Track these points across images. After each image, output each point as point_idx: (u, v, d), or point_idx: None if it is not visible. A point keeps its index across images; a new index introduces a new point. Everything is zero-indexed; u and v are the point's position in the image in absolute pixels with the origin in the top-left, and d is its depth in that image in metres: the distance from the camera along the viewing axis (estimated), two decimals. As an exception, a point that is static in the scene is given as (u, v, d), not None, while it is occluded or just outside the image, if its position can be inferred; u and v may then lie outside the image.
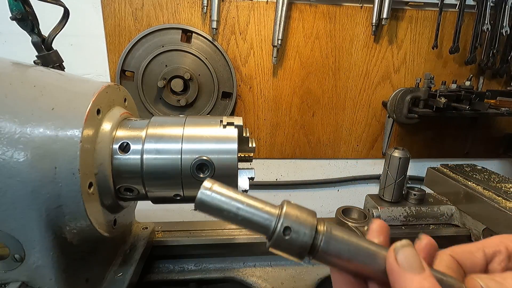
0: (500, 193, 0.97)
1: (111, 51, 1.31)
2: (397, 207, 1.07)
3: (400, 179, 1.07)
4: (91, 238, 0.51)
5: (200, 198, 0.31)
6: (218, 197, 0.32)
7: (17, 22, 0.59)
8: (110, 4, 1.25)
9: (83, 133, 0.45)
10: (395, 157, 1.05)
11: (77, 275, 0.53)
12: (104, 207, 0.52)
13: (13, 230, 0.45)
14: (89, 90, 0.51)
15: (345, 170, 1.61)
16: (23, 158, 0.43)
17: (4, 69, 0.51)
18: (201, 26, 1.31)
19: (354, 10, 1.35)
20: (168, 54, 1.28)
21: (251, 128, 1.47)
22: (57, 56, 0.64)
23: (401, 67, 1.46)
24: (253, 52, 1.36)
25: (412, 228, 1.05)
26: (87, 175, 0.47)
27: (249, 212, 0.32)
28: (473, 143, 1.62)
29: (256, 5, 1.30)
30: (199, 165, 0.50)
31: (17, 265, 0.47)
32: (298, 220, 0.32)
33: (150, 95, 1.33)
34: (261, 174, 1.55)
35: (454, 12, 1.37)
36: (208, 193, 0.31)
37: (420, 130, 1.55)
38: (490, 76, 1.52)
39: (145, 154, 0.50)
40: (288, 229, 0.31)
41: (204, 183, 0.32)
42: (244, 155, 0.59)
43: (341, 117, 1.50)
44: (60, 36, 0.64)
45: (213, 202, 0.32)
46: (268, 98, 1.43)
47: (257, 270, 0.93)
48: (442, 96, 1.28)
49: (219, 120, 0.53)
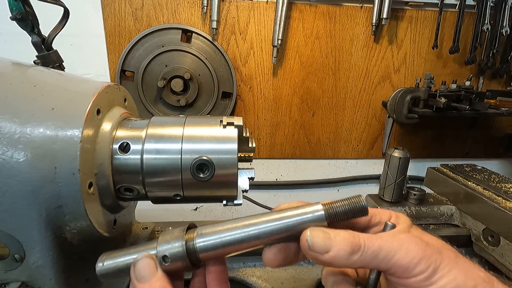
0: (500, 193, 0.97)
1: (111, 51, 1.31)
2: (397, 207, 1.07)
3: (400, 179, 1.07)
4: (91, 238, 0.51)
5: (99, 272, 0.38)
6: (111, 264, 0.38)
7: (17, 22, 0.59)
8: (110, 4, 1.25)
9: (83, 133, 0.45)
10: (395, 157, 1.05)
11: (77, 275, 0.53)
12: (104, 207, 0.52)
13: (13, 230, 0.45)
14: (89, 90, 0.50)
15: (345, 170, 1.61)
16: (23, 158, 0.43)
17: (4, 69, 0.51)
18: (201, 26, 1.31)
19: (354, 10, 1.35)
20: (168, 54, 1.28)
21: (251, 128, 1.47)
22: (57, 56, 0.64)
23: (401, 67, 1.46)
24: (253, 52, 1.36)
25: (412, 228, 1.05)
26: (87, 175, 0.47)
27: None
28: (473, 143, 1.62)
29: (256, 5, 1.30)
30: (199, 165, 0.50)
31: (17, 265, 0.47)
32: (168, 243, 0.37)
33: (150, 95, 1.33)
34: (261, 174, 1.55)
35: (454, 12, 1.37)
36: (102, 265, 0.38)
37: (420, 130, 1.55)
38: (490, 76, 1.52)
39: (145, 154, 0.50)
40: (166, 257, 0.36)
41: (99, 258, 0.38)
42: (244, 155, 0.59)
43: (341, 117, 1.50)
44: (60, 36, 0.64)
45: (111, 271, 0.38)
46: (268, 98, 1.43)
47: (257, 270, 0.93)
48: (442, 96, 1.28)
49: (219, 120, 0.53)
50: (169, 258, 0.36)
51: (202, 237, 0.37)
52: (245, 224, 0.37)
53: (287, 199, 1.59)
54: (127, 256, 0.38)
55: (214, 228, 0.37)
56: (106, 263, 0.38)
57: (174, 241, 0.37)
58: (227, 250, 0.37)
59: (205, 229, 0.37)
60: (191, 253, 0.36)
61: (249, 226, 0.37)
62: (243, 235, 0.36)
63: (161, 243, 0.37)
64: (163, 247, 0.36)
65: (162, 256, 0.36)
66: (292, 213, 0.36)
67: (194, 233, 0.37)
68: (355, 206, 0.36)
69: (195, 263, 0.37)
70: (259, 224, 0.37)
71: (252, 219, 0.37)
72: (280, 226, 0.36)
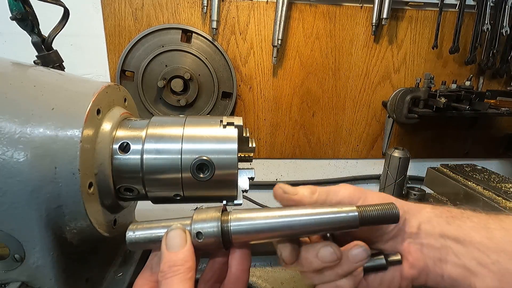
0: (500, 193, 0.97)
1: (111, 51, 1.31)
2: (397, 207, 1.07)
3: (400, 179, 1.07)
4: (91, 238, 0.51)
5: (129, 240, 0.39)
6: (143, 234, 0.39)
7: (17, 22, 0.59)
8: (110, 4, 1.25)
9: (83, 133, 0.45)
10: (395, 157, 1.05)
11: (77, 275, 0.53)
12: (104, 207, 0.52)
13: (13, 230, 0.45)
14: (89, 90, 0.50)
15: (345, 170, 1.61)
16: (23, 158, 0.43)
17: (4, 69, 0.51)
18: (201, 26, 1.31)
19: (354, 10, 1.35)
20: (168, 54, 1.28)
21: (251, 128, 1.47)
22: (57, 56, 0.64)
23: (401, 67, 1.46)
24: (253, 52, 1.36)
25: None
26: (87, 175, 0.47)
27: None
28: (473, 143, 1.62)
29: (256, 5, 1.30)
30: (199, 165, 0.50)
31: (17, 265, 0.47)
32: (204, 221, 0.38)
33: (150, 95, 1.33)
34: (261, 174, 1.55)
35: (454, 12, 1.37)
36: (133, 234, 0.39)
37: (420, 130, 1.55)
38: (490, 76, 1.52)
39: (145, 154, 0.50)
40: (200, 234, 0.38)
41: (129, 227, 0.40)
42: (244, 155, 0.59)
43: (341, 117, 1.50)
44: (60, 36, 0.64)
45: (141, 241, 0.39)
46: (268, 98, 1.43)
47: (257, 270, 0.93)
48: (442, 96, 1.28)
49: (219, 120, 0.53)
50: (203, 235, 0.37)
51: (237, 221, 0.38)
52: (280, 214, 0.38)
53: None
54: (159, 229, 0.39)
55: (249, 214, 0.39)
56: (137, 232, 0.39)
57: (210, 220, 0.38)
58: (259, 236, 0.38)
59: (241, 214, 0.39)
60: (224, 233, 0.38)
61: (284, 217, 0.38)
62: (277, 224, 0.38)
63: (196, 220, 0.38)
64: (199, 224, 0.38)
65: (197, 233, 0.37)
66: (327, 210, 0.38)
67: (229, 216, 0.39)
68: (387, 212, 0.38)
69: (225, 244, 0.39)
70: (294, 216, 0.38)
71: (286, 210, 0.39)
72: (314, 221, 0.38)
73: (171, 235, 0.38)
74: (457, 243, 0.40)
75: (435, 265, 0.42)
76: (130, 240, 0.39)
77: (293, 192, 0.43)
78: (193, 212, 0.40)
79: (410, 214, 0.44)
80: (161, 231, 0.39)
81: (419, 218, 0.43)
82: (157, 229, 0.39)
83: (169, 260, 0.36)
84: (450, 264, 0.41)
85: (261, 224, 0.38)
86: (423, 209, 0.45)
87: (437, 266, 0.41)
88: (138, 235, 0.39)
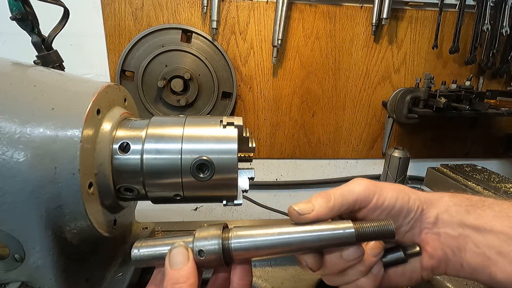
0: (500, 193, 0.97)
1: (111, 51, 1.31)
2: (397, 207, 1.07)
3: (400, 179, 1.07)
4: (91, 238, 0.51)
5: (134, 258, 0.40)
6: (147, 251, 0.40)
7: (17, 22, 0.59)
8: (110, 4, 1.25)
9: (83, 133, 0.45)
10: (395, 157, 1.05)
11: (77, 275, 0.53)
12: (104, 207, 0.52)
13: (13, 230, 0.45)
14: (89, 90, 0.50)
15: (345, 170, 1.61)
16: (23, 158, 0.43)
17: (4, 69, 0.51)
18: (201, 26, 1.31)
19: (354, 10, 1.35)
20: (168, 54, 1.28)
21: (251, 128, 1.47)
22: (57, 56, 0.64)
23: (401, 67, 1.46)
24: (253, 52, 1.36)
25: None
26: (87, 175, 0.47)
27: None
28: (473, 143, 1.62)
29: (256, 5, 1.30)
30: (199, 165, 0.50)
31: (17, 265, 0.47)
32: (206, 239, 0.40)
33: (150, 95, 1.33)
34: (261, 174, 1.55)
35: (454, 12, 1.37)
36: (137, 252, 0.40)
37: (420, 130, 1.55)
38: (490, 76, 1.52)
39: (145, 154, 0.50)
40: (202, 252, 0.39)
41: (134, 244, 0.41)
42: (244, 155, 0.59)
43: (341, 117, 1.50)
44: (60, 36, 0.64)
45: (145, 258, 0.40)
46: (268, 98, 1.43)
47: (257, 270, 0.93)
48: (442, 96, 1.28)
49: (219, 120, 0.53)
50: (204, 253, 0.39)
51: (238, 238, 0.40)
52: (280, 231, 0.40)
53: (287, 199, 1.60)
54: (163, 247, 0.40)
55: (249, 231, 0.40)
56: (142, 250, 0.40)
57: (211, 238, 0.40)
58: (259, 253, 0.40)
59: (241, 231, 0.41)
60: (225, 251, 0.39)
61: (283, 234, 0.40)
62: (276, 241, 0.40)
63: (198, 239, 0.40)
64: (200, 242, 0.39)
65: (199, 250, 0.39)
66: (324, 227, 0.40)
67: (230, 233, 0.40)
68: (384, 229, 0.39)
69: (226, 261, 0.40)
70: (292, 233, 0.40)
71: (285, 227, 0.41)
72: (312, 238, 0.39)
73: (174, 252, 0.39)
74: (476, 232, 0.40)
75: (454, 254, 0.41)
76: (135, 257, 0.40)
77: (308, 210, 0.42)
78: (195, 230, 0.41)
79: (428, 204, 0.43)
80: (165, 249, 0.40)
81: (437, 208, 0.43)
82: (161, 246, 0.40)
83: (172, 277, 0.37)
84: (469, 253, 0.40)
85: (260, 241, 0.40)
86: (441, 198, 0.44)
87: (456, 255, 0.41)
88: (142, 253, 0.40)
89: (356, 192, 0.43)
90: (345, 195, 0.43)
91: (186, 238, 0.41)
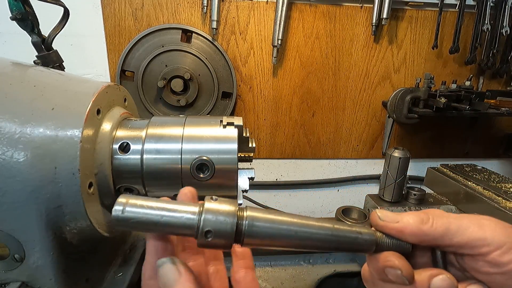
0: (500, 193, 0.97)
1: (111, 51, 1.31)
2: (397, 207, 1.08)
3: (400, 179, 1.07)
4: (91, 238, 0.51)
5: (115, 218, 0.31)
6: (134, 213, 0.32)
7: (17, 22, 0.59)
8: (110, 4, 1.25)
9: (83, 133, 0.45)
10: (395, 157, 1.05)
11: (77, 275, 0.53)
12: (104, 207, 0.52)
13: (13, 230, 0.45)
14: (89, 90, 0.51)
15: (345, 170, 1.61)
16: (23, 158, 0.43)
17: (4, 69, 0.51)
18: (201, 26, 1.31)
19: (354, 10, 1.35)
20: (168, 54, 1.28)
21: (251, 128, 1.47)
22: (57, 56, 0.64)
23: (401, 67, 1.46)
24: (253, 52, 1.36)
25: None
26: (87, 175, 0.47)
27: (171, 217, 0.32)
28: (473, 143, 1.62)
29: (256, 5, 1.30)
30: (199, 165, 0.50)
31: (17, 265, 0.47)
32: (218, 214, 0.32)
33: (150, 95, 1.33)
34: (261, 174, 1.55)
35: (454, 12, 1.37)
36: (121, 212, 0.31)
37: (420, 130, 1.55)
38: (490, 76, 1.52)
39: (145, 154, 0.50)
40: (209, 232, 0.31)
41: (118, 199, 0.32)
42: (244, 155, 0.59)
43: (341, 117, 1.50)
44: (60, 36, 0.64)
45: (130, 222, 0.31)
46: (268, 98, 1.43)
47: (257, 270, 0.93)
48: (442, 96, 1.28)
49: (219, 120, 0.53)
50: (212, 234, 0.31)
51: (254, 221, 0.33)
52: (301, 223, 0.35)
53: (287, 199, 1.60)
54: (156, 211, 0.32)
55: (268, 215, 0.34)
56: (128, 209, 0.31)
57: (224, 216, 0.32)
58: (274, 242, 0.34)
59: (258, 213, 0.34)
60: (237, 234, 0.32)
61: (303, 226, 0.35)
62: (296, 233, 0.34)
63: (208, 212, 0.32)
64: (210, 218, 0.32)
65: (206, 230, 0.31)
66: (347, 228, 0.36)
67: (245, 214, 0.33)
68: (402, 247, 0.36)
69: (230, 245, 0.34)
70: (313, 228, 0.35)
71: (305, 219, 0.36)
72: (332, 237, 0.35)
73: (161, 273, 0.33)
74: None
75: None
76: (117, 217, 0.31)
77: (393, 220, 0.36)
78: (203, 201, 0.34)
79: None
80: (158, 214, 0.32)
81: None
82: (153, 210, 0.32)
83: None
84: None
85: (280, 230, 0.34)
86: None
87: None
88: (128, 213, 0.31)
89: (471, 236, 0.33)
90: (452, 229, 0.34)
91: (190, 207, 0.33)
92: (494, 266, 0.33)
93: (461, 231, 0.33)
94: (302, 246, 0.35)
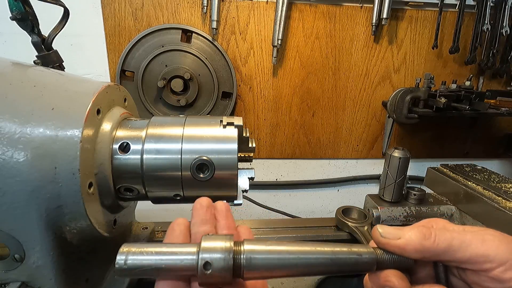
0: (500, 193, 0.97)
1: (111, 51, 1.31)
2: (397, 207, 1.07)
3: (400, 179, 1.07)
4: (91, 238, 0.51)
5: (119, 269, 0.32)
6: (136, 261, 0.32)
7: (17, 22, 0.59)
8: (110, 4, 1.25)
9: (83, 133, 0.45)
10: (395, 157, 1.05)
11: (77, 275, 0.53)
12: (104, 207, 0.52)
13: (13, 230, 0.45)
14: (89, 90, 0.51)
15: (345, 170, 1.61)
16: (23, 158, 0.43)
17: (4, 69, 0.51)
18: (201, 26, 1.31)
19: (354, 10, 1.35)
20: (168, 54, 1.28)
21: (251, 128, 1.47)
22: (57, 56, 0.64)
23: (401, 67, 1.46)
24: (253, 52, 1.36)
25: (412, 228, 1.05)
26: (87, 175, 0.47)
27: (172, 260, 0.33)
28: (473, 143, 1.62)
29: (256, 5, 1.30)
30: (199, 165, 0.50)
31: (17, 265, 0.47)
32: (214, 251, 0.33)
33: (150, 95, 1.33)
34: (261, 174, 1.55)
35: (454, 12, 1.37)
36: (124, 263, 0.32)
37: (420, 130, 1.55)
38: (490, 76, 1.52)
39: (145, 154, 0.50)
40: (208, 265, 0.32)
41: (120, 249, 0.33)
42: (244, 155, 0.59)
43: (341, 117, 1.50)
44: (60, 36, 0.64)
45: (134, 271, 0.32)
46: (268, 98, 1.43)
47: (257, 270, 0.92)
48: (442, 96, 1.28)
49: (219, 120, 0.53)
50: (211, 266, 0.32)
51: (252, 254, 0.34)
52: (300, 251, 0.35)
53: (287, 199, 1.60)
54: (158, 256, 0.33)
55: (265, 247, 0.35)
56: (130, 258, 0.32)
57: (221, 251, 0.33)
58: (275, 273, 0.35)
59: (256, 246, 0.35)
60: (236, 268, 0.33)
61: (303, 254, 0.35)
62: (295, 261, 0.35)
63: (205, 249, 0.33)
64: (208, 254, 0.33)
65: (205, 262, 0.32)
66: (347, 250, 0.36)
67: (242, 248, 0.34)
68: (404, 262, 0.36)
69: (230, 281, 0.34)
70: (312, 254, 0.36)
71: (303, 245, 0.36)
72: (332, 262, 0.36)
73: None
74: None
75: None
76: (121, 267, 0.32)
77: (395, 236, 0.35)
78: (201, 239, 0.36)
79: None
80: (160, 259, 0.33)
81: None
82: (154, 255, 0.33)
83: None
84: None
85: (279, 260, 0.34)
86: None
87: None
88: (131, 262, 0.32)
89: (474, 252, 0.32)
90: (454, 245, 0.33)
91: (189, 248, 0.34)
92: (496, 282, 0.32)
93: (464, 247, 0.33)
94: (303, 273, 0.36)
